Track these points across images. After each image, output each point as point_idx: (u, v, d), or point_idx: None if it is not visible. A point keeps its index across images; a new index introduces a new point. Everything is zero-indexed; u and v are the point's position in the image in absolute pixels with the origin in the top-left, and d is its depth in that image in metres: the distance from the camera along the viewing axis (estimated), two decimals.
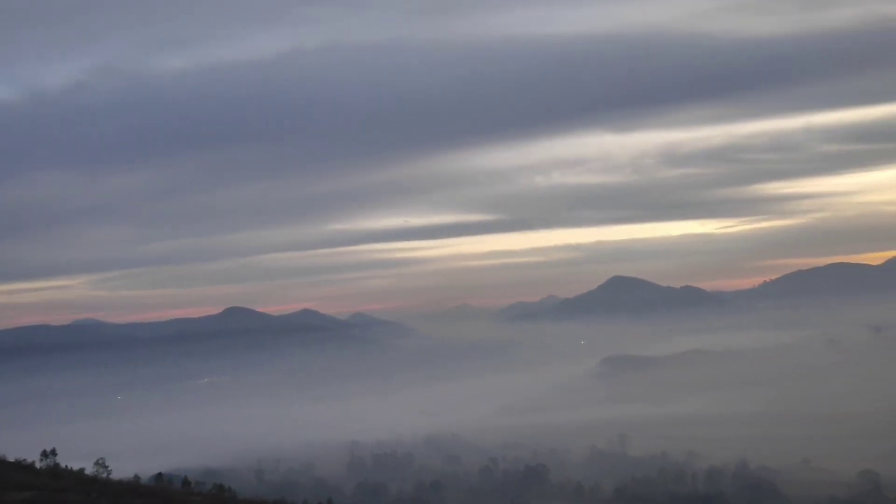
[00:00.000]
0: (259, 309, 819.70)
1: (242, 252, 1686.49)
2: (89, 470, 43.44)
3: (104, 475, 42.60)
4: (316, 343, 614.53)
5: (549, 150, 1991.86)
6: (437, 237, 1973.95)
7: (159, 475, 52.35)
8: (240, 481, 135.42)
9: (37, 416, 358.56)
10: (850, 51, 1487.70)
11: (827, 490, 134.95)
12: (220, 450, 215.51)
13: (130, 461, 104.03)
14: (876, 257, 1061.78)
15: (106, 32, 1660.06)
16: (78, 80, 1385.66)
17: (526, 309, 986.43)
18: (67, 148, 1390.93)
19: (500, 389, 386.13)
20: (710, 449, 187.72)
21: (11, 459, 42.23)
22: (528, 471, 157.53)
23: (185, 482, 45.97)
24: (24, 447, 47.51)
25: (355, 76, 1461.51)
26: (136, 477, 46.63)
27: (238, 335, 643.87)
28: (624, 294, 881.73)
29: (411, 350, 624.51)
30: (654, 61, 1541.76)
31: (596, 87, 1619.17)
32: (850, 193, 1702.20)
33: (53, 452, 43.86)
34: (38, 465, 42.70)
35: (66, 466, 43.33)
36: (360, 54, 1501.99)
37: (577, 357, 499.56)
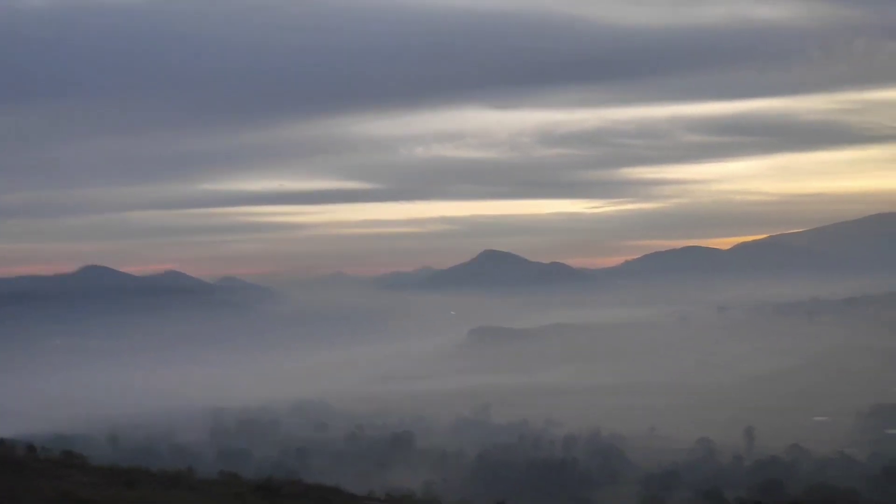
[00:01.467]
0: (120, 268, 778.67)
1: (101, 208, 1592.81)
2: None
3: None
4: (181, 306, 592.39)
5: (431, 122, 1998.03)
6: (313, 203, 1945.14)
7: (0, 441, 49.59)
8: (92, 448, 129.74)
9: None
10: (716, 47, 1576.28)
11: (669, 456, 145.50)
12: (72, 415, 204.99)
13: None
14: (725, 242, 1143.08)
15: None
16: None
17: (400, 279, 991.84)
18: None
19: (371, 358, 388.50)
20: (568, 417, 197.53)
21: None
22: (395, 438, 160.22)
23: (30, 448, 43.76)
24: None
25: (236, 31, 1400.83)
26: None
27: (96, 295, 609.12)
28: (495, 268, 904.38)
29: (282, 316, 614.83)
30: (534, 41, 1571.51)
31: (478, 63, 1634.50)
32: (707, 182, 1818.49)
33: None
34: None
35: None
36: (243, 8, 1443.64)
37: (447, 328, 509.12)
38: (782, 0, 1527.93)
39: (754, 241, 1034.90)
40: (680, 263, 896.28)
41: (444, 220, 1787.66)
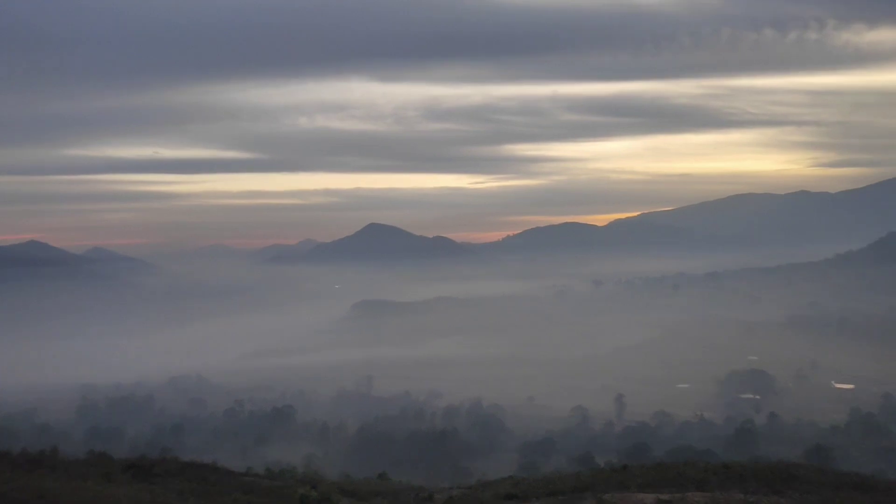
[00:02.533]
0: None
1: None
2: None
3: None
4: (45, 278, 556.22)
5: (315, 92, 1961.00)
6: (190, 172, 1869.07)
7: None
8: None
9: None
10: (595, 30, 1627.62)
11: (546, 424, 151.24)
12: None
13: None
14: (602, 219, 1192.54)
15: None
16: None
17: (282, 251, 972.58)
18: None
19: (251, 331, 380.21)
20: (450, 389, 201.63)
21: None
22: (275, 412, 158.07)
23: None
24: None
25: None
26: None
27: None
28: (379, 241, 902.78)
29: (156, 289, 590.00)
30: (420, 16, 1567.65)
31: (364, 35, 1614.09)
32: (585, 160, 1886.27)
33: None
34: None
35: None
36: None
37: (330, 301, 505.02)
38: None
39: (628, 219, 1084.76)
40: (559, 239, 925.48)
41: (327, 192, 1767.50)
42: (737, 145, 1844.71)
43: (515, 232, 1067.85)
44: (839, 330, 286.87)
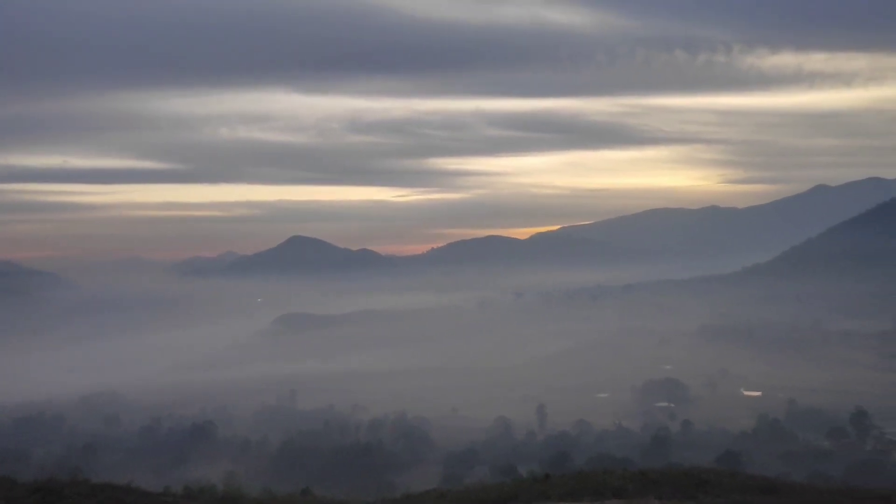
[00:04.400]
0: None
1: None
2: None
3: None
4: None
5: (236, 103, 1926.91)
6: (104, 182, 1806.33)
7: None
8: None
9: None
10: (516, 47, 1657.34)
11: (469, 435, 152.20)
12: None
13: None
14: (523, 232, 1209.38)
15: None
16: None
17: (202, 264, 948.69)
18: None
19: (170, 346, 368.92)
20: (374, 401, 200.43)
21: None
22: (195, 428, 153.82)
23: None
24: None
25: None
26: None
27: None
28: (302, 254, 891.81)
29: (69, 304, 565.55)
30: (343, 29, 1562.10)
31: (287, 46, 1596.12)
32: (507, 174, 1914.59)
33: None
34: None
35: None
36: None
37: (252, 314, 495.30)
38: (576, 8, 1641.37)
39: (549, 232, 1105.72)
40: (482, 252, 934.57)
41: (249, 204, 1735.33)
42: (651, 162, 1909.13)
43: (439, 245, 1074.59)
44: (748, 339, 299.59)
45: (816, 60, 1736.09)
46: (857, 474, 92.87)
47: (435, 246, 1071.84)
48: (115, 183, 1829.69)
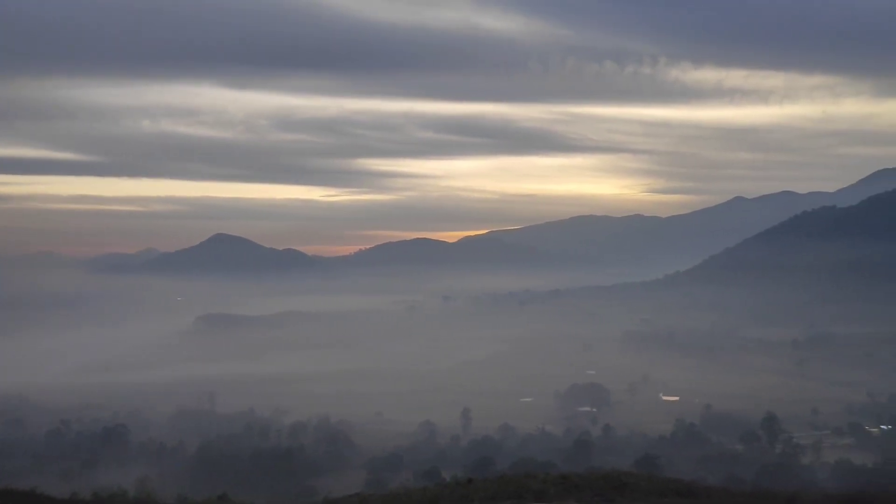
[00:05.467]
0: None
1: None
2: None
3: None
4: None
5: (160, 95, 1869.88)
6: (16, 172, 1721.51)
7: None
8: None
9: None
10: (448, 50, 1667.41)
11: (394, 440, 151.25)
12: None
13: None
14: (452, 236, 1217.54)
15: None
16: None
17: (120, 261, 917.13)
18: None
19: (82, 346, 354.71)
20: (297, 405, 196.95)
21: None
22: (106, 432, 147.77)
23: None
24: None
25: None
26: None
27: None
28: (226, 252, 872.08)
29: None
30: (274, 24, 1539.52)
31: (215, 39, 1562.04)
32: (437, 177, 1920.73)
33: None
34: None
35: None
36: None
37: (172, 314, 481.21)
38: (509, 15, 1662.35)
39: (477, 236, 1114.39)
40: (410, 254, 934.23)
41: (171, 199, 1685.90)
42: (579, 169, 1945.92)
43: (367, 246, 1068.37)
44: (668, 345, 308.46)
45: (736, 77, 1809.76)
46: (767, 477, 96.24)
47: (363, 247, 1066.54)
48: (28, 174, 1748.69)
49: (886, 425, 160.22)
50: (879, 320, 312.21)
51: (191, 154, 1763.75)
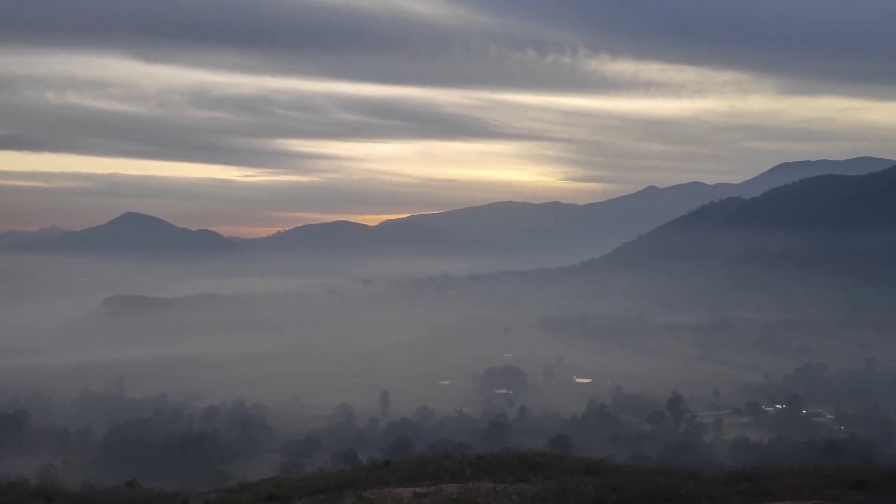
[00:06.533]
0: None
1: None
2: None
3: None
4: None
5: (67, 65, 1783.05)
6: None
7: None
8: None
9: None
10: (372, 31, 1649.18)
11: (311, 423, 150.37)
12: None
13: None
14: (372, 219, 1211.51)
15: None
16: None
17: (20, 239, 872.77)
18: None
19: None
20: (211, 389, 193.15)
21: None
22: (4, 418, 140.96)
23: None
24: None
25: None
26: None
27: None
28: (137, 232, 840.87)
29: None
30: None
31: (127, 7, 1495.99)
32: (358, 160, 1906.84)
33: None
34: None
35: None
36: None
37: (78, 295, 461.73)
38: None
39: (398, 220, 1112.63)
40: (330, 237, 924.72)
41: (77, 176, 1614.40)
42: (499, 155, 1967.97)
43: (286, 228, 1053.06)
44: (582, 329, 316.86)
45: (652, 70, 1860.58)
46: (672, 454, 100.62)
47: (281, 229, 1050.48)
48: None
49: (780, 405, 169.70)
50: (777, 306, 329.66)
51: (99, 129, 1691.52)
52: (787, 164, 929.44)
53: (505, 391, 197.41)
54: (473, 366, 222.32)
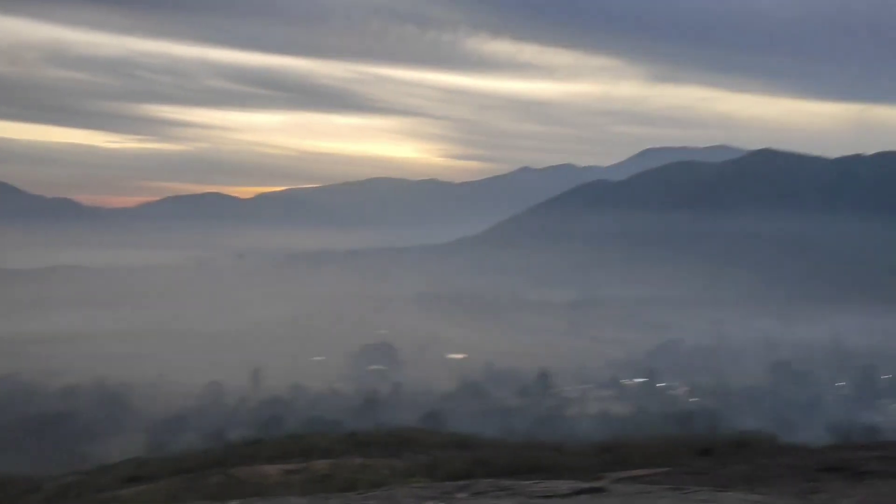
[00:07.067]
0: None
1: None
2: None
3: None
4: None
5: None
6: None
7: None
8: None
9: None
10: None
11: (178, 401, 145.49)
12: None
13: None
14: (246, 191, 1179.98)
15: None
16: None
17: None
18: None
19: None
20: (70, 367, 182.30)
21: None
22: None
23: None
24: None
25: None
26: None
27: None
28: None
29: None
30: None
31: None
32: (232, 129, 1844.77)
33: None
34: None
35: None
36: None
37: None
38: None
39: (273, 193, 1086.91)
40: (201, 209, 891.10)
41: None
42: (378, 130, 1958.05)
43: (154, 198, 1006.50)
44: (456, 306, 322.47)
45: (530, 51, 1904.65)
46: (539, 428, 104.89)
47: (148, 199, 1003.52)
48: None
49: (640, 378, 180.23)
50: (641, 284, 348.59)
51: None
52: (652, 149, 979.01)
53: (379, 367, 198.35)
54: (348, 342, 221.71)
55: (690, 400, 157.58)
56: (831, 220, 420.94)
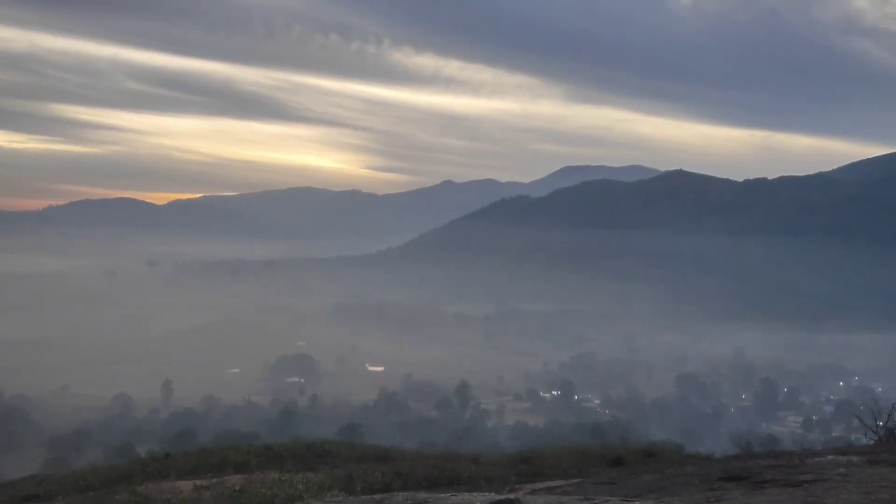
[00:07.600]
0: None
1: None
2: None
3: None
4: None
5: None
6: None
7: None
8: None
9: None
10: None
11: (82, 415, 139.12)
12: None
13: None
14: (160, 197, 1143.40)
15: None
16: None
17: None
18: None
19: None
20: None
21: None
22: None
23: None
24: None
25: None
26: None
27: None
28: None
29: None
30: None
31: None
32: (146, 133, 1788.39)
33: None
34: None
35: None
36: None
37: None
38: None
39: (189, 200, 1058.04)
40: (111, 214, 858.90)
41: None
42: (299, 139, 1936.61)
43: (60, 202, 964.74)
44: (376, 318, 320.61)
45: (453, 67, 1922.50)
46: (458, 440, 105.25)
47: (54, 203, 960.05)
48: None
49: (556, 391, 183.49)
50: (556, 298, 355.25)
51: None
52: (570, 167, 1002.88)
53: (296, 379, 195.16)
54: (265, 354, 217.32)
55: (603, 412, 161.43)
56: (736, 240, 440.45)
